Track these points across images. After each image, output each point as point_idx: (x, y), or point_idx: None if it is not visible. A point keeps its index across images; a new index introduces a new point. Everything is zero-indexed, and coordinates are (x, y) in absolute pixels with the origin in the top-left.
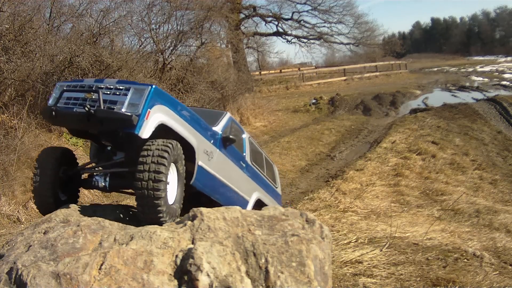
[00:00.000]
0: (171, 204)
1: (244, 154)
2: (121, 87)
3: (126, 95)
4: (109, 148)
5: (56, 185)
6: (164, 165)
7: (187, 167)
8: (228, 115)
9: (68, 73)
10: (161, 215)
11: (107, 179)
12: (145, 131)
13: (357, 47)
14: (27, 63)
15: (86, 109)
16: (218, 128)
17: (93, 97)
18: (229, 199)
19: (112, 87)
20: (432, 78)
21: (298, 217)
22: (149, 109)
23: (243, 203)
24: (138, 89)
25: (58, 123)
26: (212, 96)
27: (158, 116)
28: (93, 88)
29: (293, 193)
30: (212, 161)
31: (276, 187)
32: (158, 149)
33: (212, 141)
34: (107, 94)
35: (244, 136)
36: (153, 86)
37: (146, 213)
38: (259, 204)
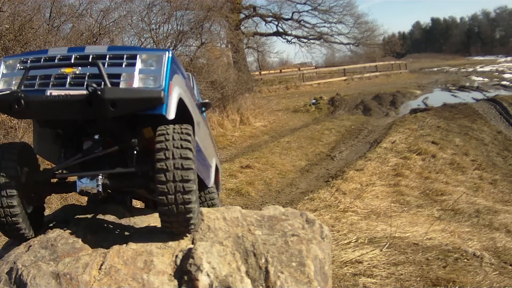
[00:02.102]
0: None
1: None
2: (121, 55)
3: (133, 65)
4: (96, 138)
5: (20, 195)
6: (191, 168)
7: None
8: (190, 75)
9: None
10: (192, 227)
11: (100, 181)
12: (171, 111)
13: (357, 47)
14: None
15: (90, 90)
16: (196, 94)
17: (78, 72)
18: (201, 170)
19: (107, 55)
20: (432, 78)
21: (298, 217)
22: (170, 81)
23: (209, 170)
24: (153, 55)
25: (30, 115)
26: (212, 96)
27: (177, 90)
28: (77, 59)
29: (293, 193)
30: (199, 133)
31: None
32: (180, 146)
33: (199, 110)
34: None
35: (192, 79)
36: (170, 51)
37: (175, 227)
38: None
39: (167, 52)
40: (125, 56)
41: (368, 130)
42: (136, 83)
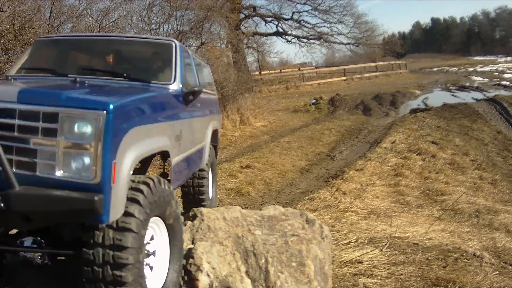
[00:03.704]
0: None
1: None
2: (35, 112)
3: (53, 133)
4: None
5: None
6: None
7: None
8: (177, 45)
9: None
10: None
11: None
12: (115, 212)
13: (357, 47)
14: None
15: None
16: (176, 84)
17: None
18: (192, 166)
19: (16, 110)
20: (432, 78)
21: (298, 217)
22: (114, 161)
23: (201, 153)
24: (83, 115)
25: None
26: None
27: (130, 156)
28: None
29: (293, 193)
30: (181, 141)
31: (215, 93)
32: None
33: (177, 115)
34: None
35: (190, 57)
36: (111, 106)
37: None
38: (213, 133)
39: (103, 111)
40: (41, 114)
41: (368, 130)
42: (59, 170)
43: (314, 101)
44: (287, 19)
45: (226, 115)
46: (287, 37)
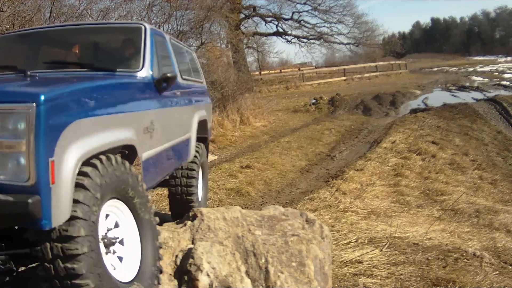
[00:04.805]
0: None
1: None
2: None
3: None
4: None
5: None
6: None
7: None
8: (147, 28)
9: None
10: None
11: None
12: (59, 213)
13: (357, 47)
14: None
15: None
16: (145, 71)
17: None
18: (174, 160)
19: None
20: (432, 78)
21: (298, 217)
22: (51, 159)
23: (186, 146)
24: (8, 110)
25: None
26: (212, 96)
27: (74, 152)
28: None
29: (293, 193)
30: (154, 134)
31: (202, 81)
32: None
33: (147, 104)
34: None
35: (167, 43)
36: (42, 97)
37: None
38: (201, 124)
39: (40, 98)
40: None
41: (368, 130)
42: None
43: (314, 101)
44: (287, 19)
45: (226, 115)
46: (287, 37)
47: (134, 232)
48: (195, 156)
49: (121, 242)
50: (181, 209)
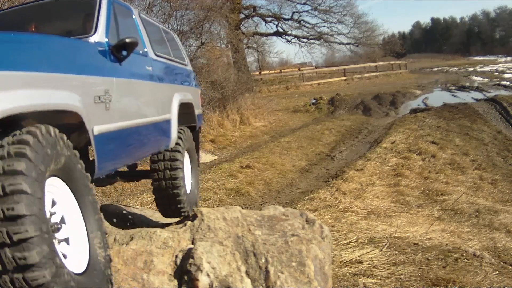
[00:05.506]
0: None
1: (145, 49)
2: None
3: None
4: None
5: None
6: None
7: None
8: None
9: None
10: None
11: None
12: None
13: (357, 47)
14: None
15: None
16: (99, 36)
17: None
18: (146, 143)
19: None
20: (432, 78)
21: (298, 217)
22: None
23: (163, 128)
24: None
25: None
26: (212, 96)
27: None
28: None
29: (293, 193)
30: (112, 105)
31: (187, 65)
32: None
33: (100, 70)
34: None
35: (134, 16)
36: None
37: None
38: (184, 108)
39: None
40: None
41: (368, 130)
42: None
43: (314, 101)
44: (287, 19)
45: (226, 115)
46: (287, 37)
47: (77, 213)
48: (178, 144)
49: (65, 229)
50: (168, 204)
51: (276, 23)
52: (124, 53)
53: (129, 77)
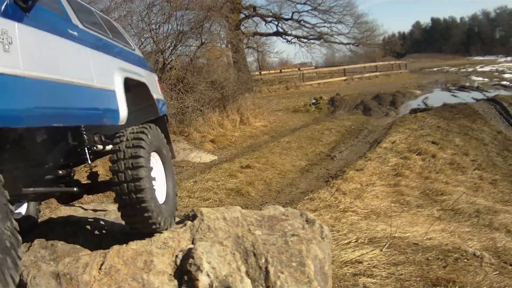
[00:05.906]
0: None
1: (68, 15)
2: None
3: None
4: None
5: None
6: None
7: None
8: None
9: None
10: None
11: None
12: None
13: (357, 47)
14: None
15: None
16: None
17: None
18: (70, 103)
19: None
20: (432, 78)
21: (298, 217)
22: None
23: (103, 99)
24: None
25: None
26: (212, 96)
27: None
28: None
29: (293, 193)
30: (14, 49)
31: (134, 50)
32: None
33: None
34: None
35: None
36: None
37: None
38: (137, 87)
39: None
40: None
41: (368, 130)
42: None
43: (314, 101)
44: (287, 19)
45: (226, 115)
46: (287, 37)
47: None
48: (142, 139)
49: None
50: (132, 212)
51: (276, 23)
52: (29, 2)
53: (40, 28)
